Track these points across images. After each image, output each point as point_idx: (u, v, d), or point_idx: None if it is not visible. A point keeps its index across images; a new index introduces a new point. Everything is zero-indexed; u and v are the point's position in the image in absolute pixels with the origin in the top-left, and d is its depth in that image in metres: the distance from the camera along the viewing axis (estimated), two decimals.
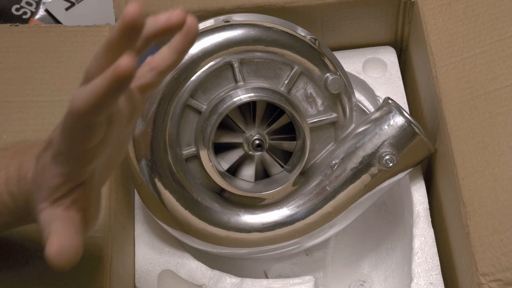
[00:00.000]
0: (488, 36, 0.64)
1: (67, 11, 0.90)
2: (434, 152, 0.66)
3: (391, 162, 0.64)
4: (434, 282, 0.64)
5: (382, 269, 0.74)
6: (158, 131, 0.62)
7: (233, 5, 0.70)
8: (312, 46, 0.65)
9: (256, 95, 0.62)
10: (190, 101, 0.63)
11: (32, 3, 0.91)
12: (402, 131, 0.64)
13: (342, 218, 0.66)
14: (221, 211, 0.65)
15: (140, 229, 0.69)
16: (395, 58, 0.76)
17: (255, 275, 0.75)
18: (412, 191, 0.68)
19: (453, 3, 0.67)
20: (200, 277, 0.66)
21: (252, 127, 0.65)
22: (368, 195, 0.66)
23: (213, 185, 0.65)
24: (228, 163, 0.66)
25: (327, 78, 0.65)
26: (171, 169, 0.63)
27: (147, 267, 0.67)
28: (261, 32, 0.63)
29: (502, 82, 0.62)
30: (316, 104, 0.66)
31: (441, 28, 0.66)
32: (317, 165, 0.67)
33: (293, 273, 0.76)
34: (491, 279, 0.55)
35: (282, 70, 0.64)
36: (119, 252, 0.63)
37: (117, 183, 0.65)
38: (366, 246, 0.76)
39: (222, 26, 0.63)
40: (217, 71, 0.63)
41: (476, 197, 0.58)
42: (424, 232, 0.66)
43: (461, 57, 0.64)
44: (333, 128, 0.67)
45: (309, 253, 0.77)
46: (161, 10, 0.69)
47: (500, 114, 0.60)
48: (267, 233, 0.65)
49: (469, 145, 0.60)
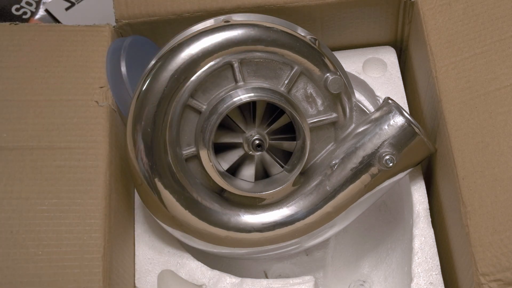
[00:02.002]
0: (488, 36, 0.64)
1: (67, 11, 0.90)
2: (434, 152, 0.66)
3: (391, 162, 0.64)
4: (434, 282, 0.64)
5: (382, 269, 0.74)
6: (158, 131, 0.62)
7: (233, 5, 0.70)
8: (312, 46, 0.65)
9: (256, 95, 0.62)
10: (190, 101, 0.63)
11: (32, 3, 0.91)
12: (402, 131, 0.64)
13: (342, 218, 0.66)
14: (221, 211, 0.65)
15: (140, 229, 0.69)
16: (395, 58, 0.76)
17: (255, 275, 0.75)
18: (412, 191, 0.68)
19: (453, 3, 0.67)
20: (200, 277, 0.66)
21: (252, 127, 0.65)
22: (368, 195, 0.66)
23: (213, 185, 0.65)
24: (228, 163, 0.66)
25: (327, 78, 0.65)
26: (171, 169, 0.63)
27: (147, 267, 0.67)
28: (261, 32, 0.63)
29: (502, 82, 0.62)
30: (316, 104, 0.66)
31: (441, 28, 0.66)
32: (317, 165, 0.67)
33: (293, 273, 0.76)
34: (491, 279, 0.55)
35: (282, 70, 0.64)
36: (119, 252, 0.63)
37: (117, 183, 0.65)
38: (366, 246, 0.76)
39: (222, 26, 0.63)
40: (217, 71, 0.63)
41: (476, 197, 0.58)
42: (424, 232, 0.66)
43: (461, 57, 0.64)
44: (333, 128, 0.67)
45: (309, 253, 0.77)
46: (161, 11, 0.70)
47: (500, 114, 0.60)
48: (267, 233, 0.65)
49: (469, 145, 0.60)
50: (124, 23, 0.70)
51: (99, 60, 0.67)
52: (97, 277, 0.58)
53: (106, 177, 0.62)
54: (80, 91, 0.65)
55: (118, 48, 0.67)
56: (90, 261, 0.58)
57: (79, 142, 0.63)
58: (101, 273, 0.58)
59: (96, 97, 0.65)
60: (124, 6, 0.70)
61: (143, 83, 0.62)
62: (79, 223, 0.60)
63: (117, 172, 0.65)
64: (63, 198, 0.60)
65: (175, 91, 0.62)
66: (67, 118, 0.64)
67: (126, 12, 0.70)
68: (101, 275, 0.58)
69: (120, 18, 0.70)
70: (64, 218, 0.60)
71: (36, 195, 0.60)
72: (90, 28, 0.69)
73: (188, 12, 0.70)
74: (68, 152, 0.62)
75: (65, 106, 0.64)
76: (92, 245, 0.59)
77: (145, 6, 0.70)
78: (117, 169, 0.65)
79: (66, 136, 0.63)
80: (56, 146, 0.62)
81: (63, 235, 0.59)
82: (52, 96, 0.65)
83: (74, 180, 0.61)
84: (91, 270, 0.58)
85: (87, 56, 0.67)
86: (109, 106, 0.65)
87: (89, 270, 0.58)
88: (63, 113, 0.64)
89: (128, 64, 0.67)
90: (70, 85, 0.65)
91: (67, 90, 0.65)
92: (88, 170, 0.62)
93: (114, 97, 0.66)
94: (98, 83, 0.66)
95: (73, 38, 0.68)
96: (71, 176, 0.61)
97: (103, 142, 0.63)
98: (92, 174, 0.62)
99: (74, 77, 0.66)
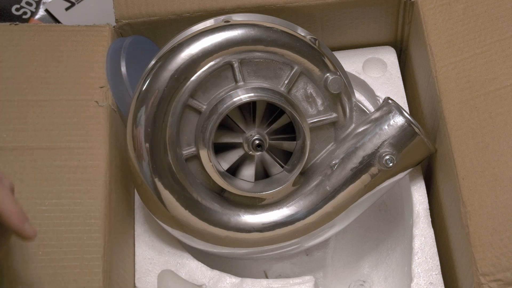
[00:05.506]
0: (488, 36, 0.64)
1: (67, 11, 0.90)
2: (434, 152, 0.66)
3: (391, 162, 0.64)
4: (434, 282, 0.64)
5: (382, 269, 0.74)
6: (158, 131, 0.62)
7: (233, 5, 0.70)
8: (312, 46, 0.65)
9: (256, 95, 0.62)
10: (190, 101, 0.63)
11: (32, 3, 0.91)
12: (402, 131, 0.64)
13: (342, 218, 0.66)
14: (221, 211, 0.65)
15: (140, 229, 0.69)
16: (395, 58, 0.76)
17: (255, 275, 0.75)
18: (412, 191, 0.68)
19: (453, 3, 0.67)
20: (200, 277, 0.66)
21: (252, 127, 0.65)
22: (368, 195, 0.66)
23: (213, 185, 0.65)
24: (228, 163, 0.66)
25: (327, 78, 0.65)
26: (171, 169, 0.63)
27: (147, 267, 0.67)
28: (261, 32, 0.63)
29: (502, 82, 0.62)
30: (316, 104, 0.66)
31: (441, 28, 0.66)
32: (317, 165, 0.67)
33: (293, 273, 0.76)
34: (491, 279, 0.55)
35: (282, 70, 0.64)
36: (119, 252, 0.63)
37: (117, 183, 0.65)
38: (366, 246, 0.76)
39: (222, 26, 0.63)
40: (217, 71, 0.63)
41: (476, 197, 0.58)
42: (424, 232, 0.66)
43: (461, 57, 0.64)
44: (333, 128, 0.67)
45: (309, 253, 0.77)
46: (161, 11, 0.70)
47: (500, 114, 0.60)
48: (267, 233, 0.65)
49: (469, 145, 0.60)
50: (124, 23, 0.70)
51: (99, 60, 0.67)
52: (97, 277, 0.58)
53: (106, 177, 0.62)
54: (80, 91, 0.65)
55: (118, 48, 0.67)
56: (90, 261, 0.58)
57: (79, 142, 0.63)
58: (101, 273, 0.58)
59: (96, 97, 0.65)
60: (124, 6, 0.70)
61: (143, 83, 0.62)
62: (79, 223, 0.60)
63: (117, 172, 0.65)
64: (63, 198, 0.60)
65: (175, 91, 0.62)
66: (67, 118, 0.64)
67: (126, 12, 0.70)
68: (101, 275, 0.58)
69: (120, 18, 0.70)
70: (64, 218, 0.60)
71: (36, 195, 0.60)
72: (90, 28, 0.69)
73: (188, 12, 0.70)
74: (68, 152, 0.62)
75: (65, 106, 0.64)
76: (92, 245, 0.59)
77: (145, 6, 0.70)
78: (117, 169, 0.65)
79: (66, 136, 0.63)
80: (56, 146, 0.62)
81: (63, 235, 0.59)
82: (52, 96, 0.65)
83: (74, 180, 0.61)
84: (91, 270, 0.58)
85: (87, 56, 0.67)
86: (109, 106, 0.65)
87: (89, 270, 0.58)
88: (63, 113, 0.64)
89: (128, 64, 0.67)
90: (70, 85, 0.65)
91: (67, 90, 0.65)
92: (88, 170, 0.62)
93: (114, 97, 0.66)
94: (98, 83, 0.66)
95: (73, 38, 0.68)
96: (71, 176, 0.61)
97: (103, 142, 0.63)
98: (92, 174, 0.62)
99: (74, 77, 0.66)
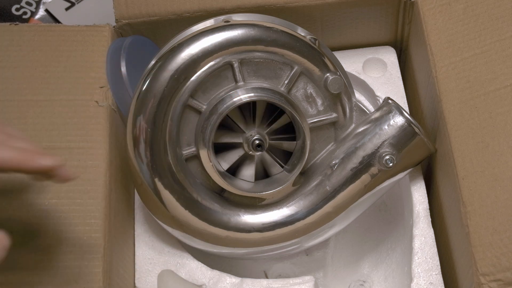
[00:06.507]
0: (488, 36, 0.64)
1: (67, 11, 0.90)
2: (434, 152, 0.66)
3: (391, 162, 0.64)
4: (434, 282, 0.64)
5: (382, 269, 0.74)
6: (158, 131, 0.62)
7: (233, 5, 0.70)
8: (312, 46, 0.65)
9: (256, 95, 0.62)
10: (190, 101, 0.63)
11: (32, 3, 0.91)
12: (402, 131, 0.64)
13: (342, 218, 0.66)
14: (221, 211, 0.65)
15: (140, 229, 0.69)
16: (395, 58, 0.76)
17: (255, 275, 0.75)
18: (412, 191, 0.68)
19: (453, 3, 0.67)
20: (200, 277, 0.66)
21: (252, 127, 0.65)
22: (368, 195, 0.66)
23: (213, 185, 0.65)
24: (228, 163, 0.66)
25: (327, 78, 0.65)
26: (171, 169, 0.63)
27: (147, 267, 0.67)
28: (261, 32, 0.63)
29: (502, 82, 0.62)
30: (316, 104, 0.66)
31: (441, 28, 0.66)
32: (317, 165, 0.67)
33: (293, 273, 0.76)
34: (491, 279, 0.55)
35: (282, 70, 0.64)
36: (119, 252, 0.63)
37: (117, 183, 0.65)
38: (366, 246, 0.76)
39: (222, 26, 0.63)
40: (217, 71, 0.63)
41: (476, 197, 0.58)
42: (424, 232, 0.66)
43: (461, 57, 0.64)
44: (333, 128, 0.67)
45: (309, 253, 0.77)
46: (161, 11, 0.70)
47: (500, 114, 0.60)
48: (267, 233, 0.65)
49: (469, 145, 0.60)
50: (124, 23, 0.70)
51: (99, 60, 0.67)
52: (97, 277, 0.58)
53: (106, 177, 0.62)
54: (80, 91, 0.65)
55: (118, 48, 0.67)
56: (90, 261, 0.58)
57: (79, 142, 0.63)
58: (101, 273, 0.58)
59: (96, 97, 0.65)
60: (124, 6, 0.70)
61: (143, 83, 0.62)
62: (79, 223, 0.60)
63: (117, 172, 0.65)
64: (63, 198, 0.60)
65: (175, 91, 0.62)
66: (67, 118, 0.64)
67: (126, 12, 0.70)
68: (101, 275, 0.58)
69: (120, 18, 0.70)
70: (64, 218, 0.60)
71: (36, 195, 0.60)
72: (90, 28, 0.69)
73: (188, 12, 0.70)
74: (68, 152, 0.62)
75: (65, 106, 0.64)
76: (92, 245, 0.59)
77: (145, 6, 0.70)
78: (117, 169, 0.65)
79: (66, 136, 0.63)
80: (56, 146, 0.62)
81: (63, 235, 0.59)
82: (52, 96, 0.65)
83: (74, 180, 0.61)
84: (91, 270, 0.58)
85: (87, 56, 0.67)
86: (109, 106, 0.65)
87: (89, 270, 0.58)
88: (63, 113, 0.64)
89: (128, 64, 0.67)
90: (70, 85, 0.65)
91: (67, 90, 0.65)
92: (88, 170, 0.62)
93: (114, 97, 0.66)
94: (98, 83, 0.66)
95: (73, 38, 0.68)
96: None
97: (103, 142, 0.63)
98: (92, 174, 0.62)
99: (74, 77, 0.66)
